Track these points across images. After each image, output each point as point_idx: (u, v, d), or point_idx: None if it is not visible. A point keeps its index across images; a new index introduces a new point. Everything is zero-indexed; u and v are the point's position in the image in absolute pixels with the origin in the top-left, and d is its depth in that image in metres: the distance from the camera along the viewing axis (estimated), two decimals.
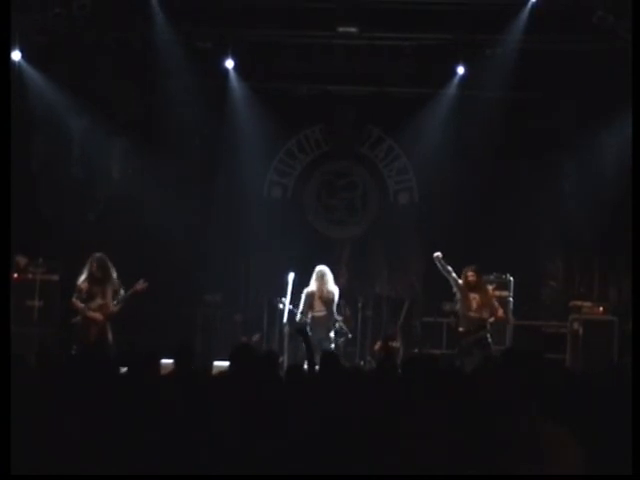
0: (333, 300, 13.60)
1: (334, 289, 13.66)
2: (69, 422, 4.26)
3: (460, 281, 12.92)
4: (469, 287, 12.95)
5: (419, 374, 5.65)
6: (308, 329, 12.93)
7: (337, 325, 13.70)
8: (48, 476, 4.04)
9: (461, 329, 13.02)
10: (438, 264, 12.88)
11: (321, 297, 13.58)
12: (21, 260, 14.23)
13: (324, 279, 13.57)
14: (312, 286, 13.60)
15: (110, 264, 12.90)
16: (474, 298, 12.97)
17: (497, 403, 4.96)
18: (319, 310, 13.57)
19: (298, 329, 11.75)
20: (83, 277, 12.87)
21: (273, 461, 4.40)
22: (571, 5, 14.12)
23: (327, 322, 13.55)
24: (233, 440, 4.60)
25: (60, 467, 4.08)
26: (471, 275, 12.97)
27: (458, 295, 13.01)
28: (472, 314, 12.91)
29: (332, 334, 13.59)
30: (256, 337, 14.51)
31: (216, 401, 5.41)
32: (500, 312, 13.12)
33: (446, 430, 4.75)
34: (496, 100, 15.35)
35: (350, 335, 13.99)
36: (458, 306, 13.09)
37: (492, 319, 12.97)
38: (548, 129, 15.94)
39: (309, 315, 13.51)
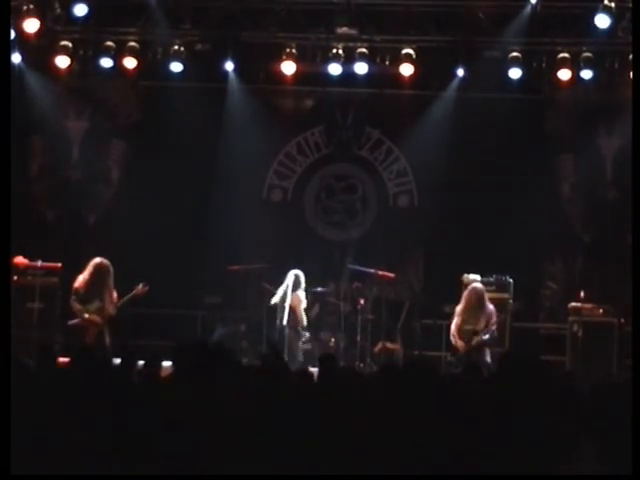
0: (293, 306, 14.07)
1: (299, 293, 14.15)
2: (68, 423, 4.27)
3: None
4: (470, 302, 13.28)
5: (418, 379, 5.65)
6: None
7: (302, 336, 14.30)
8: (48, 476, 4.04)
9: (459, 343, 13.27)
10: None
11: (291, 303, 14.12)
12: (21, 263, 14.21)
13: (293, 284, 14.05)
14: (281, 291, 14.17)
15: (110, 270, 12.90)
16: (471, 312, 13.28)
17: (496, 407, 4.96)
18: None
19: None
20: (81, 280, 12.86)
21: (272, 461, 4.41)
22: (570, 7, 14.16)
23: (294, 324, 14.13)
24: (234, 440, 4.61)
25: (60, 467, 4.09)
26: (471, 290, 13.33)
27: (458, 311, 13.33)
28: (467, 327, 13.18)
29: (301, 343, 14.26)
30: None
31: (217, 401, 5.42)
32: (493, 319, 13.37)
33: (445, 434, 4.75)
34: (495, 102, 15.36)
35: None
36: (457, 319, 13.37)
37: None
38: (547, 130, 15.96)
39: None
